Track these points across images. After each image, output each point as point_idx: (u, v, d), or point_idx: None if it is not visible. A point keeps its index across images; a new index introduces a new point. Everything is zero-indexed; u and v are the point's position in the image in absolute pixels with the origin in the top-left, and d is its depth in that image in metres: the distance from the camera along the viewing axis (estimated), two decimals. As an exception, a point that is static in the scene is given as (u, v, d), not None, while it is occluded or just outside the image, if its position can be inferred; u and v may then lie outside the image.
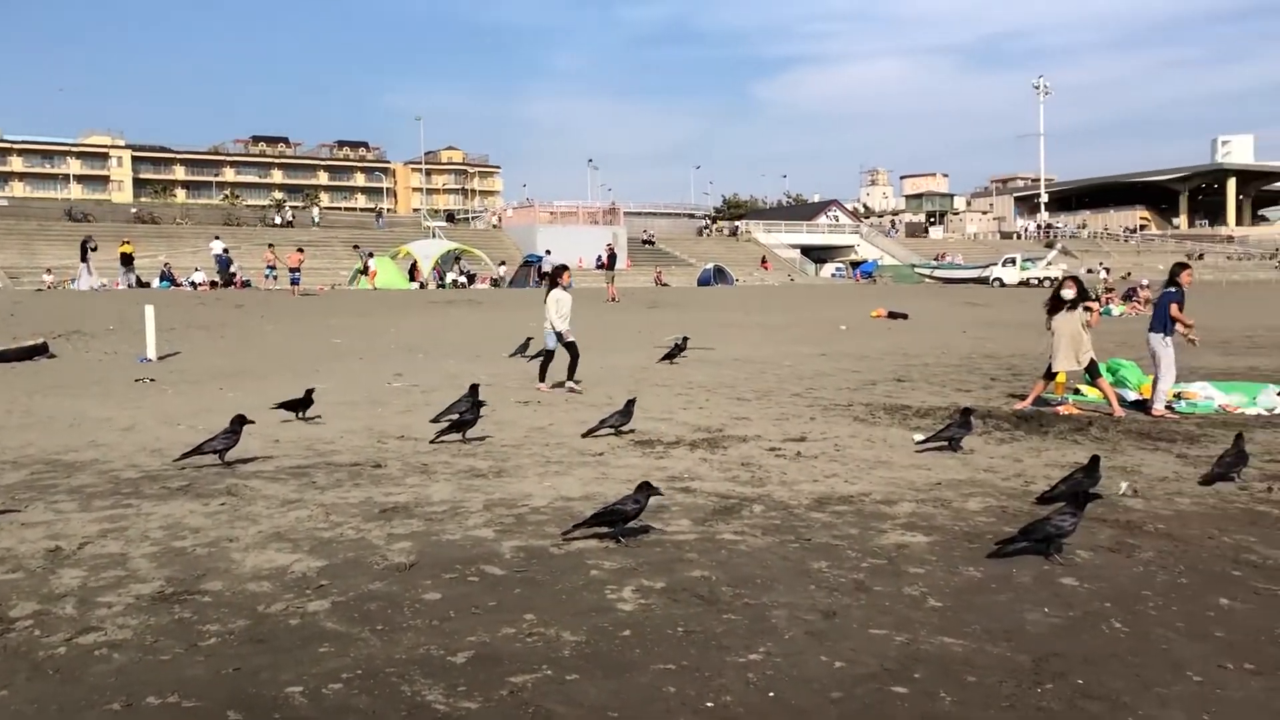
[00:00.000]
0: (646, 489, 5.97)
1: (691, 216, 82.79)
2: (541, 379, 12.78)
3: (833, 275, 67.83)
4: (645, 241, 65.41)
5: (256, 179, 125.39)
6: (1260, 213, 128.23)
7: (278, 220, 59.82)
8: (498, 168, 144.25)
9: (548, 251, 52.25)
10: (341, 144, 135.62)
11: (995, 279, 55.66)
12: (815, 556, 5.69)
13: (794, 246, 74.23)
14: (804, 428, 10.08)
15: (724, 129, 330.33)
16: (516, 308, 31.96)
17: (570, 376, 12.89)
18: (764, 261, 64.84)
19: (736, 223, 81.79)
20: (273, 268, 37.27)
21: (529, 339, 17.45)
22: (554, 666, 4.18)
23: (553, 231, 58.95)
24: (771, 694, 3.92)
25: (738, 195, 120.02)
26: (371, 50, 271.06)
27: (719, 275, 55.29)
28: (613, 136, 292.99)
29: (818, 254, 75.48)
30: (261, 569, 5.51)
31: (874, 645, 4.40)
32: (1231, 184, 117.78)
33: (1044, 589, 5.15)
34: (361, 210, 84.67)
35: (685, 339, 17.88)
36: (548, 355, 12.94)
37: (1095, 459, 6.95)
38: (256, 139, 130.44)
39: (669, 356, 16.91)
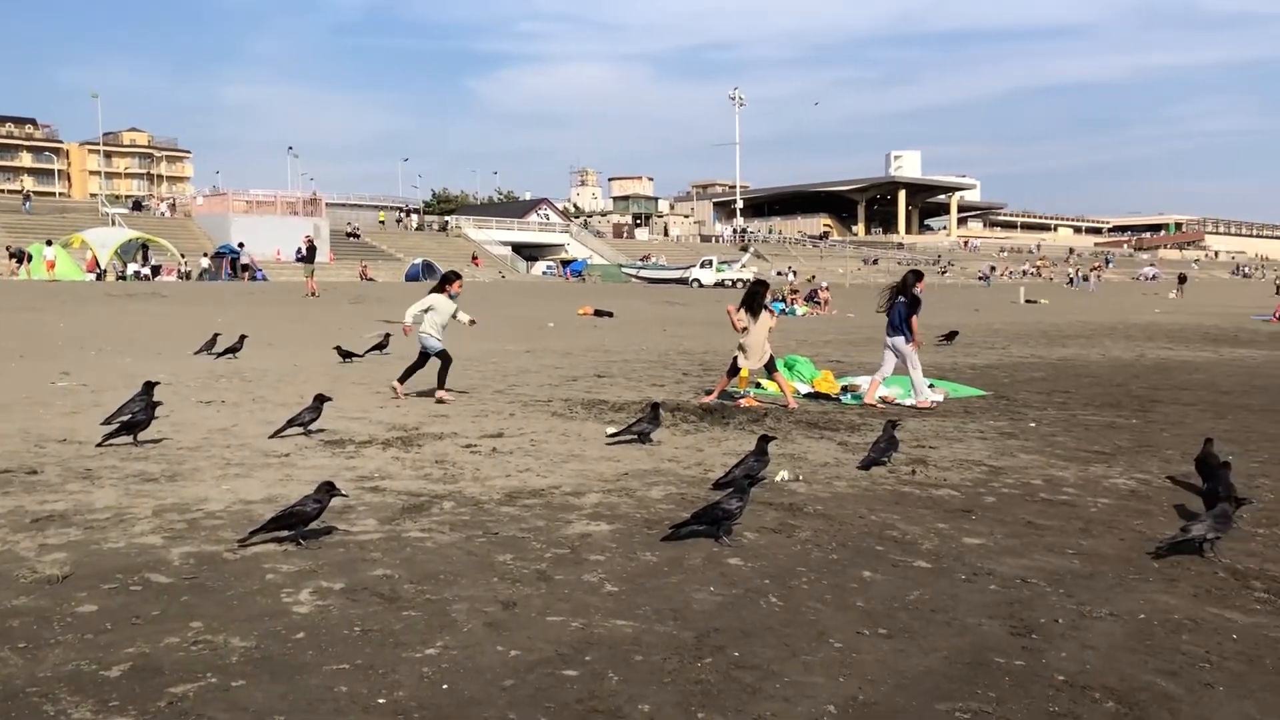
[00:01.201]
0: (328, 488, 5.84)
1: (400, 210, 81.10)
2: (401, 381, 11.84)
3: (543, 273, 68.63)
4: (350, 234, 63.52)
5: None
6: (926, 222, 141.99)
7: None
8: (188, 153, 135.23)
9: (240, 244, 49.76)
10: (3, 119, 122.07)
11: (694, 280, 58.55)
12: (501, 550, 5.77)
13: (505, 243, 74.49)
14: (502, 424, 10.18)
15: (434, 123, 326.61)
16: (205, 302, 30.23)
17: (441, 384, 11.87)
18: (475, 258, 64.64)
19: (446, 218, 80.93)
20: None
21: (216, 335, 16.55)
22: (219, 674, 4.02)
23: (248, 222, 56.04)
24: (445, 686, 3.96)
25: (448, 190, 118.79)
26: (41, 18, 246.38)
27: (428, 271, 54.58)
28: (316, 125, 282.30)
29: (529, 252, 76.15)
30: (-119, 591, 4.92)
31: (550, 632, 4.54)
32: (902, 195, 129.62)
33: (712, 569, 5.50)
34: (35, 194, 76.36)
35: (388, 336, 17.56)
36: (421, 360, 11.91)
37: (763, 439, 7.50)
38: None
39: (373, 348, 16.65)
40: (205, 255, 48.52)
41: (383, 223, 72.44)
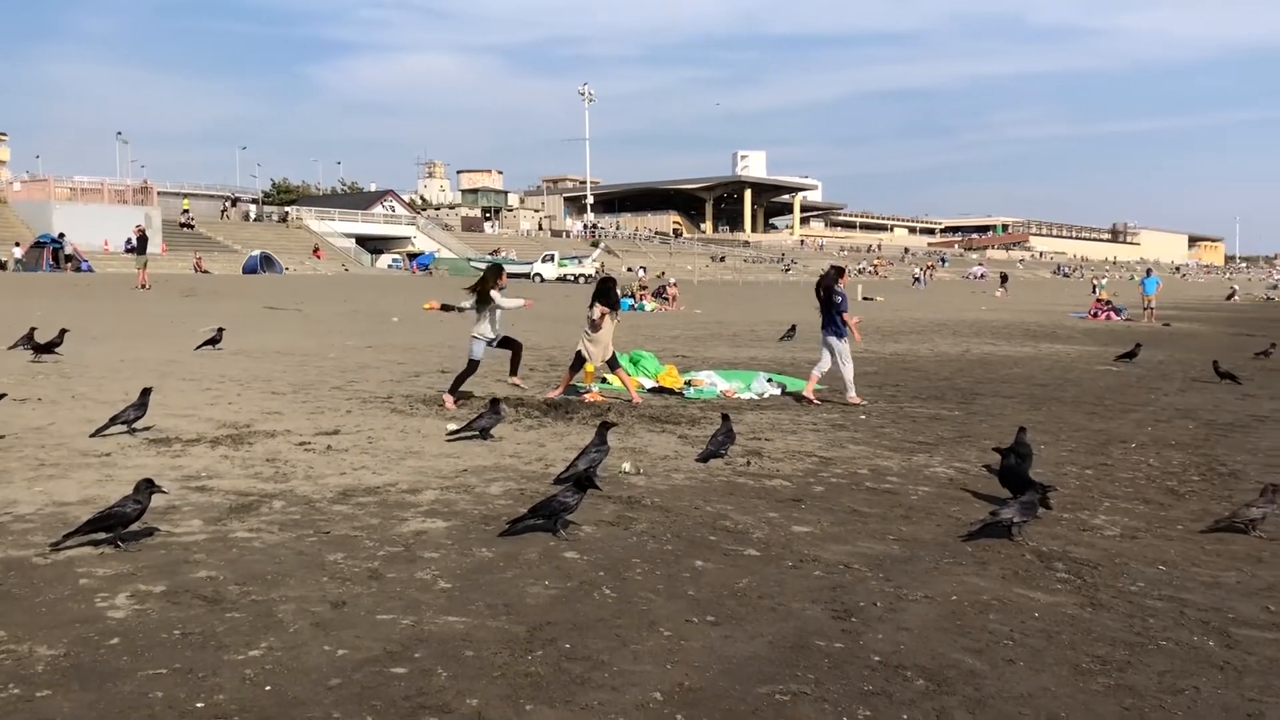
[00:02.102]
0: (148, 486, 5.62)
1: (226, 199, 78.01)
2: (452, 391, 11.23)
3: (389, 266, 67.25)
4: (184, 225, 60.82)
5: None
6: (771, 221, 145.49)
7: None
8: (3, 135, 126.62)
9: (61, 235, 47.19)
10: None
11: (535, 274, 58.54)
12: (332, 549, 5.67)
13: (349, 236, 72.62)
14: (339, 421, 9.96)
15: (274, 111, 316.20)
16: (23, 295, 28.56)
17: (514, 371, 11.38)
18: (317, 250, 62.85)
19: (287, 208, 78.34)
20: None
21: (33, 329, 15.64)
22: (23, 684, 3.84)
23: (72, 210, 53.01)
24: (269, 687, 3.88)
25: (288, 180, 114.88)
26: None
27: (266, 263, 52.85)
28: (148, 110, 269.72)
29: (374, 244, 74.46)
30: None
31: (379, 630, 4.49)
32: (748, 195, 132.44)
33: (548, 563, 5.53)
34: None
35: (221, 330, 16.94)
36: (472, 365, 11.36)
37: (604, 426, 7.61)
38: None
39: (205, 343, 16.07)
40: (16, 245, 45.69)
41: (186, 210, 65.76)
